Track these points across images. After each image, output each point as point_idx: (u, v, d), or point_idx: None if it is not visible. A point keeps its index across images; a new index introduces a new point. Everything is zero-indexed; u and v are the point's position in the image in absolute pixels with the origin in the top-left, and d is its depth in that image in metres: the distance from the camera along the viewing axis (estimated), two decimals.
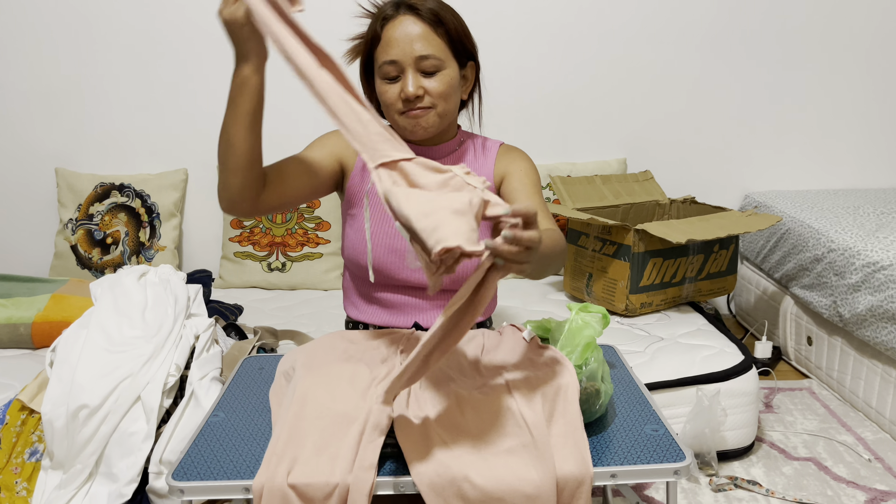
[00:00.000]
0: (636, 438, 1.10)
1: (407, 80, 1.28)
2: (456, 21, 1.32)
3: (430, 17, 1.28)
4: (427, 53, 1.27)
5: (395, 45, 1.27)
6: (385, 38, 1.28)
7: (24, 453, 1.49)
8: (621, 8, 2.55)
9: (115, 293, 1.66)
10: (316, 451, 0.99)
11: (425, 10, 1.28)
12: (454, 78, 1.32)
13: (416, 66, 1.28)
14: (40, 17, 2.49)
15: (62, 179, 2.56)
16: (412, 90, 1.27)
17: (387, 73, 1.29)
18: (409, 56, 1.27)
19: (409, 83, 1.27)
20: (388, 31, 1.28)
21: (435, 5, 1.30)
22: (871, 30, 2.62)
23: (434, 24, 1.29)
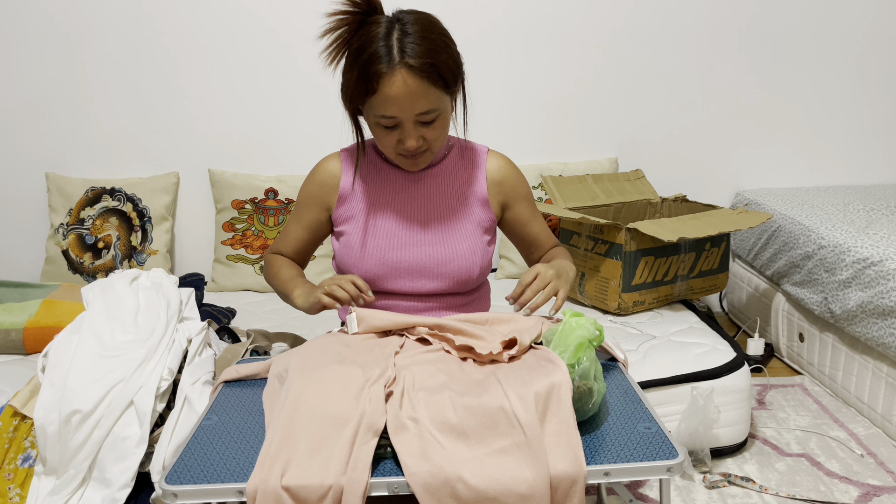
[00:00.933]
0: (629, 436, 1.11)
1: (406, 133, 1.26)
2: (448, 58, 1.25)
3: (427, 70, 1.21)
4: (427, 109, 1.24)
5: (394, 102, 1.22)
6: (382, 94, 1.22)
7: (17, 459, 1.48)
8: (612, 9, 2.56)
9: (106, 298, 1.65)
10: (309, 453, 0.99)
11: (421, 65, 1.20)
12: (448, 114, 1.31)
13: (416, 120, 1.26)
14: (30, 23, 2.48)
15: (53, 184, 2.55)
16: (413, 144, 1.28)
17: (384, 124, 1.27)
18: (409, 113, 1.24)
19: (410, 137, 1.27)
20: (385, 87, 1.21)
21: (429, 55, 1.22)
22: (860, 28, 2.64)
23: (432, 78, 1.22)
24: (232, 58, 2.53)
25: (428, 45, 1.22)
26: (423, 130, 1.28)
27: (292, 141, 2.61)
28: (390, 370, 1.15)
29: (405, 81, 1.21)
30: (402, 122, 1.25)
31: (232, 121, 2.59)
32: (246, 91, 2.56)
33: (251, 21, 2.50)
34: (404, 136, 1.27)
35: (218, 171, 2.55)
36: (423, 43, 1.22)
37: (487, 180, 1.44)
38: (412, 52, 1.21)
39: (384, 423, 1.04)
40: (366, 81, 1.22)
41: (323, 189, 1.44)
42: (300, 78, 2.54)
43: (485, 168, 1.45)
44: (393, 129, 1.28)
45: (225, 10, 2.49)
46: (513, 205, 1.47)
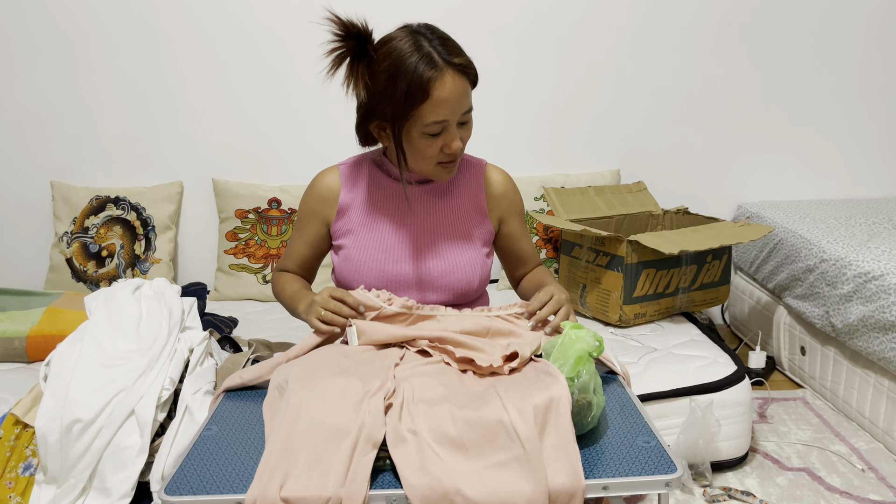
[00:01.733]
0: (628, 450, 1.11)
1: (451, 135, 1.30)
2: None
3: (468, 67, 1.28)
4: (469, 107, 1.30)
5: (447, 104, 1.26)
6: (434, 99, 1.25)
7: (18, 468, 1.48)
8: (614, 21, 2.57)
9: (109, 307, 1.66)
10: (308, 465, 1.00)
11: (462, 63, 1.27)
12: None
13: (459, 121, 1.30)
14: (36, 33, 2.51)
15: (58, 192, 2.56)
16: (460, 145, 1.30)
17: (432, 131, 1.29)
18: (458, 113, 1.28)
19: (455, 139, 1.30)
20: (437, 90, 1.25)
21: (461, 51, 1.29)
22: (862, 42, 2.64)
23: (469, 74, 1.29)
24: (236, 68, 2.55)
25: (457, 46, 1.29)
26: (461, 131, 1.32)
27: (296, 151, 2.62)
28: (390, 382, 1.15)
29: (454, 81, 1.26)
30: (448, 125, 1.29)
31: (236, 131, 2.60)
32: (250, 101, 2.58)
33: (255, 31, 2.52)
34: (449, 140, 1.30)
35: (222, 181, 2.56)
36: (453, 44, 1.28)
37: (487, 194, 1.46)
38: (450, 52, 1.26)
39: (383, 436, 1.04)
40: (417, 90, 1.25)
41: (321, 203, 1.46)
42: (304, 88, 2.56)
43: (484, 181, 1.46)
44: (437, 137, 1.30)
45: (230, 21, 2.51)
46: (508, 220, 1.49)
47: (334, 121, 2.59)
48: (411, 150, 1.33)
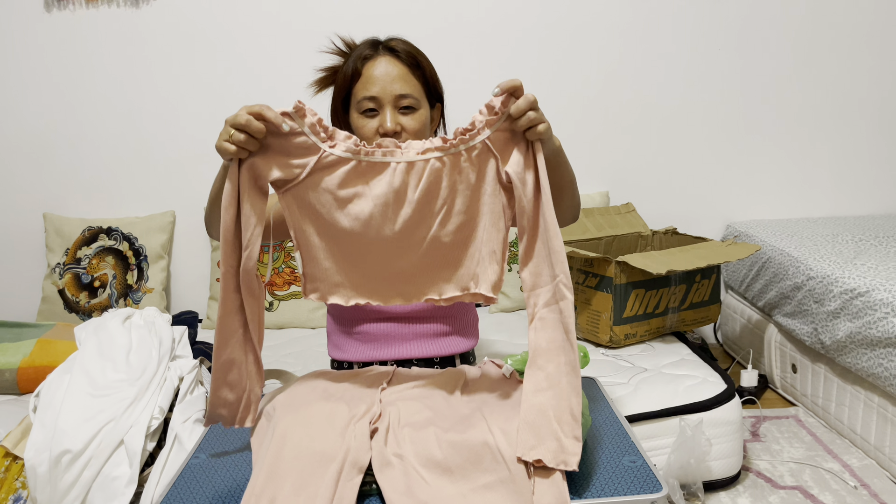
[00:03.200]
0: (614, 470, 1.11)
1: (385, 116, 1.34)
2: (429, 64, 1.41)
3: (408, 59, 1.37)
4: (405, 92, 1.35)
5: (376, 82, 1.34)
6: (365, 75, 1.35)
7: (8, 500, 1.48)
8: (601, 44, 2.61)
9: (99, 337, 1.66)
10: (294, 491, 1.00)
11: (404, 53, 1.37)
12: (427, 117, 1.39)
13: (395, 104, 1.35)
14: (27, 67, 2.54)
15: (50, 224, 2.58)
16: (390, 126, 1.33)
17: (364, 107, 1.35)
18: (389, 94, 1.34)
19: (388, 119, 1.34)
20: (369, 68, 1.35)
21: (411, 49, 1.39)
22: (844, 61, 2.69)
23: (412, 66, 1.37)
24: (227, 97, 2.58)
25: (411, 47, 1.39)
26: (400, 118, 1.35)
27: None
28: (376, 406, 1.16)
29: (388, 63, 1.35)
30: (382, 104, 1.34)
31: None
32: None
33: (247, 61, 2.55)
34: (383, 120, 1.34)
35: None
36: (407, 44, 1.39)
37: None
38: (394, 43, 1.38)
39: (369, 460, 1.05)
40: (353, 70, 1.36)
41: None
42: None
43: None
44: (373, 117, 1.35)
45: (221, 50, 2.54)
46: None
47: None
48: (356, 133, 1.38)
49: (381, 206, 1.12)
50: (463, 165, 1.11)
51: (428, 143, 1.11)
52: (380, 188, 1.11)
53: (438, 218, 1.14)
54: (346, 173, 1.10)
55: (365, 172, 1.11)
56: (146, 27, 2.52)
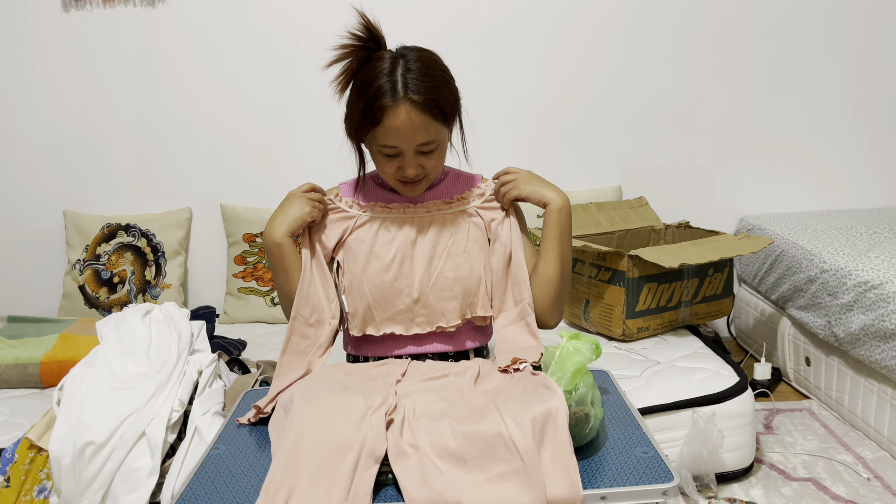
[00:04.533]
0: (626, 461, 1.13)
1: (406, 162, 1.33)
2: (448, 94, 1.32)
3: (428, 105, 1.28)
4: (426, 140, 1.32)
5: (396, 134, 1.29)
6: (385, 126, 1.28)
7: (33, 490, 1.52)
8: (614, 38, 2.62)
9: (120, 331, 1.70)
10: (313, 481, 1.02)
11: (425, 103, 1.27)
12: (446, 144, 1.38)
13: (416, 150, 1.33)
14: (45, 67, 2.58)
15: (70, 221, 2.62)
16: (411, 173, 1.35)
17: (386, 152, 1.34)
18: (411, 144, 1.31)
19: (409, 167, 1.34)
20: (389, 119, 1.27)
21: (431, 91, 1.28)
22: (861, 51, 2.67)
23: (432, 111, 1.29)
24: (242, 95, 2.61)
25: (430, 82, 1.29)
26: (421, 160, 1.35)
27: (301, 176, 2.66)
28: (391, 398, 1.18)
29: (408, 115, 1.27)
30: (403, 151, 1.32)
31: (242, 157, 2.65)
32: (256, 127, 2.63)
33: (261, 59, 2.58)
34: (404, 165, 1.34)
35: (229, 206, 2.61)
36: (426, 79, 1.28)
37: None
38: (415, 87, 1.27)
39: (385, 451, 1.07)
40: (371, 114, 1.28)
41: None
42: (308, 112, 2.61)
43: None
44: (394, 158, 1.34)
45: (235, 49, 2.57)
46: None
47: (338, 145, 2.63)
48: (375, 164, 1.39)
49: (400, 251, 1.42)
50: (460, 220, 1.46)
51: (433, 204, 1.46)
52: (400, 237, 1.43)
53: (442, 258, 1.43)
54: (376, 228, 1.44)
55: (390, 227, 1.44)
56: (162, 26, 2.56)
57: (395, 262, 1.42)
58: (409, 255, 1.43)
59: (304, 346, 1.42)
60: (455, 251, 1.43)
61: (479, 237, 1.45)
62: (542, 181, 1.45)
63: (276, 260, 1.42)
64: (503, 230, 1.46)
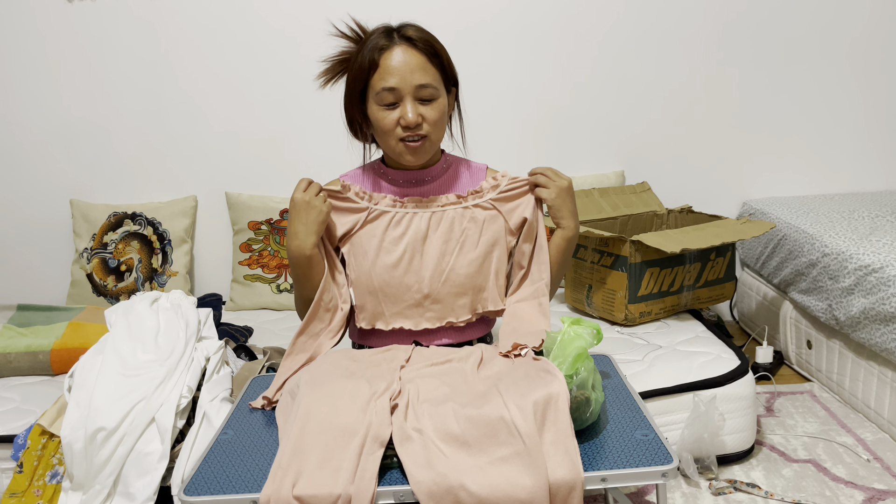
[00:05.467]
0: (626, 443, 1.15)
1: (406, 107, 1.34)
2: (445, 51, 1.40)
3: (425, 47, 1.35)
4: (425, 82, 1.34)
5: (395, 73, 1.33)
6: (383, 66, 1.33)
7: (46, 476, 1.55)
8: (616, 21, 2.61)
9: (128, 319, 1.72)
10: (319, 464, 1.05)
11: (421, 41, 1.35)
12: (445, 105, 1.40)
13: (415, 95, 1.35)
14: (51, 57, 2.59)
15: (77, 210, 2.64)
16: (412, 118, 1.34)
17: (384, 100, 1.35)
18: (409, 84, 1.33)
19: (409, 111, 1.34)
20: (386, 59, 1.33)
21: (427, 35, 1.37)
22: (865, 35, 2.66)
23: (429, 54, 1.36)
24: (245, 84, 2.62)
25: (424, 33, 1.37)
26: (421, 109, 1.36)
27: (306, 163, 2.68)
28: (396, 383, 1.20)
29: (404, 52, 1.33)
30: (402, 96, 1.34)
31: (247, 145, 2.67)
32: (260, 115, 2.65)
33: (265, 47, 2.59)
34: (404, 112, 1.34)
35: (234, 194, 2.63)
36: (420, 30, 1.37)
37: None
38: (409, 31, 1.36)
39: (390, 434, 1.09)
40: (369, 61, 1.34)
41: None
42: (312, 101, 2.62)
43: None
44: (394, 109, 1.35)
45: (240, 38, 2.58)
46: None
47: (343, 133, 2.64)
48: (375, 125, 1.39)
49: (410, 246, 1.43)
50: (473, 215, 1.45)
51: (445, 198, 1.46)
52: (411, 232, 1.43)
53: (454, 254, 1.43)
54: (386, 223, 1.44)
55: (400, 221, 1.44)
56: (167, 15, 2.56)
57: (405, 257, 1.43)
58: (420, 251, 1.43)
59: (318, 328, 1.43)
60: (468, 247, 1.44)
61: (494, 231, 1.45)
62: (572, 202, 1.46)
63: (304, 270, 1.40)
64: (529, 214, 1.45)
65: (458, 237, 1.44)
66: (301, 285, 1.43)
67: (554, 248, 1.48)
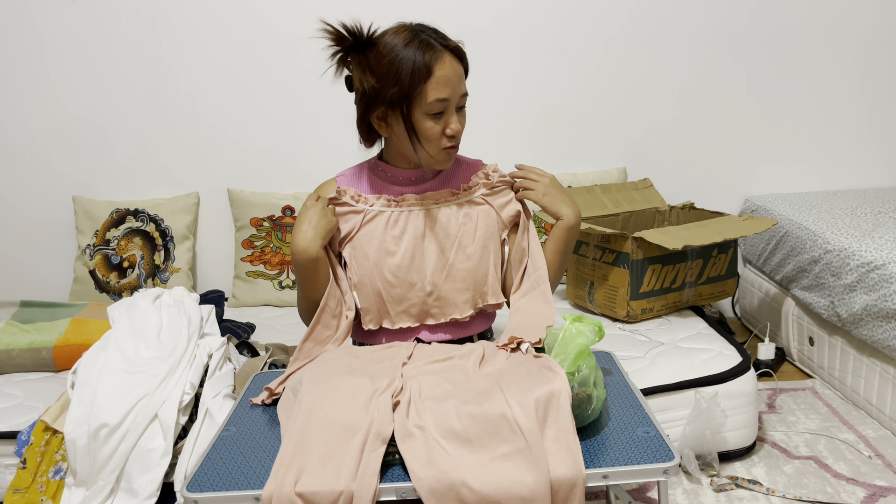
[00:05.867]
0: (628, 440, 1.15)
1: (452, 117, 1.37)
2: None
3: (462, 54, 1.38)
4: (465, 91, 1.38)
5: (448, 83, 1.33)
6: (437, 76, 1.32)
7: (49, 472, 1.56)
8: (617, 18, 2.61)
9: (131, 316, 1.73)
10: (321, 461, 1.05)
11: (458, 49, 1.37)
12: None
13: (458, 104, 1.38)
14: (54, 54, 2.59)
15: (79, 207, 2.65)
16: (458, 127, 1.38)
17: (434, 110, 1.35)
18: (457, 94, 1.36)
19: (456, 122, 1.37)
20: (438, 69, 1.32)
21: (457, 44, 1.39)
22: (867, 31, 2.66)
23: (464, 62, 1.39)
24: (247, 80, 2.61)
25: (448, 37, 1.38)
26: (458, 117, 1.39)
27: (307, 159, 2.68)
28: (398, 380, 1.21)
29: (452, 63, 1.35)
30: (449, 105, 1.36)
31: (249, 141, 2.67)
32: (261, 112, 2.65)
33: (266, 43, 2.59)
34: (450, 120, 1.37)
35: (237, 191, 2.63)
36: (445, 35, 1.38)
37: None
38: (445, 39, 1.36)
39: (392, 432, 1.10)
40: (421, 70, 1.31)
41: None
42: (314, 96, 2.62)
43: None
44: (440, 118, 1.36)
45: (241, 35, 2.58)
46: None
47: (345, 128, 2.65)
48: (420, 133, 1.38)
49: (411, 245, 1.44)
50: (468, 211, 1.47)
51: (440, 195, 1.47)
52: (409, 231, 1.44)
53: (453, 250, 1.45)
54: (384, 223, 1.45)
55: (397, 220, 1.45)
56: (169, 11, 2.56)
57: (406, 256, 1.44)
58: (420, 249, 1.45)
59: (325, 335, 1.43)
60: (465, 242, 1.46)
61: (488, 225, 1.48)
62: (562, 192, 1.49)
63: (309, 273, 1.40)
64: (520, 207, 1.51)
65: (456, 233, 1.46)
66: (305, 288, 1.43)
67: (555, 240, 1.50)
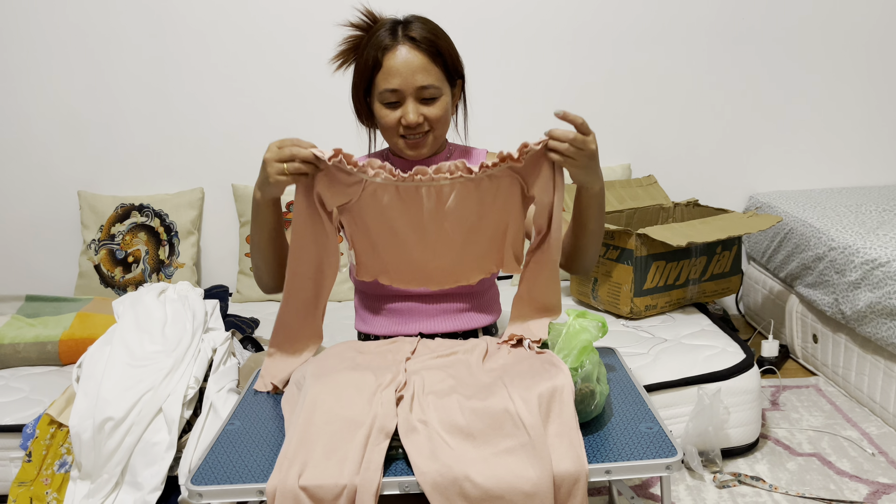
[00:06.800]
0: (631, 436, 1.15)
1: (408, 108, 1.34)
2: (449, 46, 1.38)
3: (428, 47, 1.34)
4: (427, 84, 1.34)
5: (397, 74, 1.32)
6: (386, 67, 1.33)
7: (54, 465, 1.56)
8: (622, 14, 2.60)
9: (136, 310, 1.73)
10: (325, 455, 1.06)
11: (423, 41, 1.33)
12: (448, 102, 1.40)
13: (417, 96, 1.35)
14: (60, 48, 2.59)
15: (84, 202, 2.65)
16: (413, 119, 1.34)
17: (387, 100, 1.35)
18: (411, 86, 1.33)
19: (410, 112, 1.34)
20: (389, 60, 1.32)
21: (430, 34, 1.35)
22: (873, 29, 2.65)
23: (432, 54, 1.34)
24: (251, 76, 2.62)
25: (429, 28, 1.37)
26: (423, 109, 1.36)
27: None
28: (401, 375, 1.21)
29: (407, 54, 1.32)
30: (404, 96, 1.34)
31: (253, 137, 2.67)
32: (266, 108, 2.65)
33: (270, 39, 2.59)
34: (406, 113, 1.34)
35: (241, 186, 2.63)
36: (424, 26, 1.36)
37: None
38: (414, 31, 1.34)
39: (395, 426, 1.10)
40: (373, 59, 1.33)
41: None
42: (318, 92, 2.62)
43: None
44: (396, 108, 1.35)
45: (245, 31, 2.58)
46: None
47: (349, 123, 2.65)
48: (378, 121, 1.39)
49: (419, 221, 1.32)
50: (487, 186, 1.30)
51: (454, 167, 1.28)
52: (417, 207, 1.31)
53: (469, 225, 1.34)
54: (389, 196, 1.30)
55: (404, 194, 1.30)
56: (176, 6, 2.56)
57: (410, 230, 1.34)
58: (433, 222, 1.33)
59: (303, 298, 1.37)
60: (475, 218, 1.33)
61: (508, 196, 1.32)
62: (598, 164, 1.30)
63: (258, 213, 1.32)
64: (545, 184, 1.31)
65: (474, 208, 1.32)
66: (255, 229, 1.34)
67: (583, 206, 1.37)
